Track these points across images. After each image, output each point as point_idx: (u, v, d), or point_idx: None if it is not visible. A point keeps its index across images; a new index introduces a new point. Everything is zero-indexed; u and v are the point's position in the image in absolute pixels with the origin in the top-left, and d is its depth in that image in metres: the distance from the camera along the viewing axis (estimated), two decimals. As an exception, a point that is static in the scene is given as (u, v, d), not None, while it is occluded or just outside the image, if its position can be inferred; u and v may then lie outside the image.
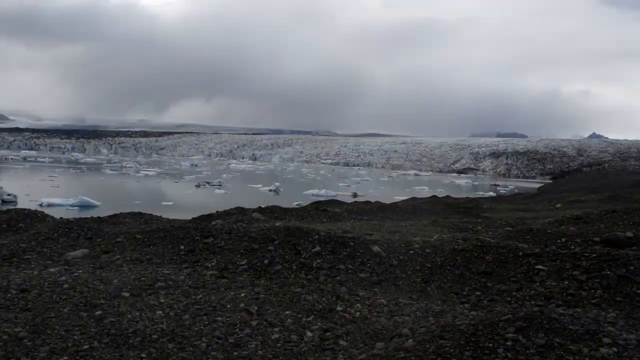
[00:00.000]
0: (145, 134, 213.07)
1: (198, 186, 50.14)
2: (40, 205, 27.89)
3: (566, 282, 5.70)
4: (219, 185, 52.01)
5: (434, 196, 31.74)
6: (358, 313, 5.07)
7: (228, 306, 5.01)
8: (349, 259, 6.74)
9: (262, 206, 15.22)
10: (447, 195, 35.61)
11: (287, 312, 4.97)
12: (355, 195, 46.01)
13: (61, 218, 9.95)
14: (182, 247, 7.30)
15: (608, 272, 5.60)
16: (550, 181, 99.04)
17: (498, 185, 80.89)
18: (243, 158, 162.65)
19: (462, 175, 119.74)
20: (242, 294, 5.39)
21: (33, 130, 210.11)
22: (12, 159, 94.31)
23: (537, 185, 79.98)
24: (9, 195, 32.23)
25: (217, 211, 14.31)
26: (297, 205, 23.19)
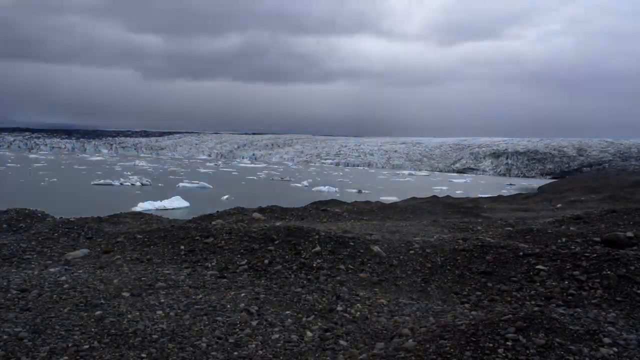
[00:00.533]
0: (146, 134, 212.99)
1: (272, 180, 63.28)
2: (178, 186, 41.92)
3: (566, 282, 5.70)
4: (289, 179, 65.37)
5: (434, 196, 31.77)
6: (358, 313, 5.07)
7: (228, 306, 5.01)
8: (349, 259, 6.74)
9: (262, 206, 15.22)
10: (447, 195, 35.64)
11: (287, 312, 4.97)
12: (359, 191, 48.05)
13: (61, 218, 9.95)
14: (182, 247, 7.30)
15: (608, 272, 5.61)
16: (551, 181, 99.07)
17: (513, 185, 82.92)
18: (243, 158, 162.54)
19: (463, 175, 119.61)
20: (242, 294, 5.39)
21: (33, 130, 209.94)
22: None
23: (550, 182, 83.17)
24: (146, 180, 44.30)
25: (217, 211, 14.32)
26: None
